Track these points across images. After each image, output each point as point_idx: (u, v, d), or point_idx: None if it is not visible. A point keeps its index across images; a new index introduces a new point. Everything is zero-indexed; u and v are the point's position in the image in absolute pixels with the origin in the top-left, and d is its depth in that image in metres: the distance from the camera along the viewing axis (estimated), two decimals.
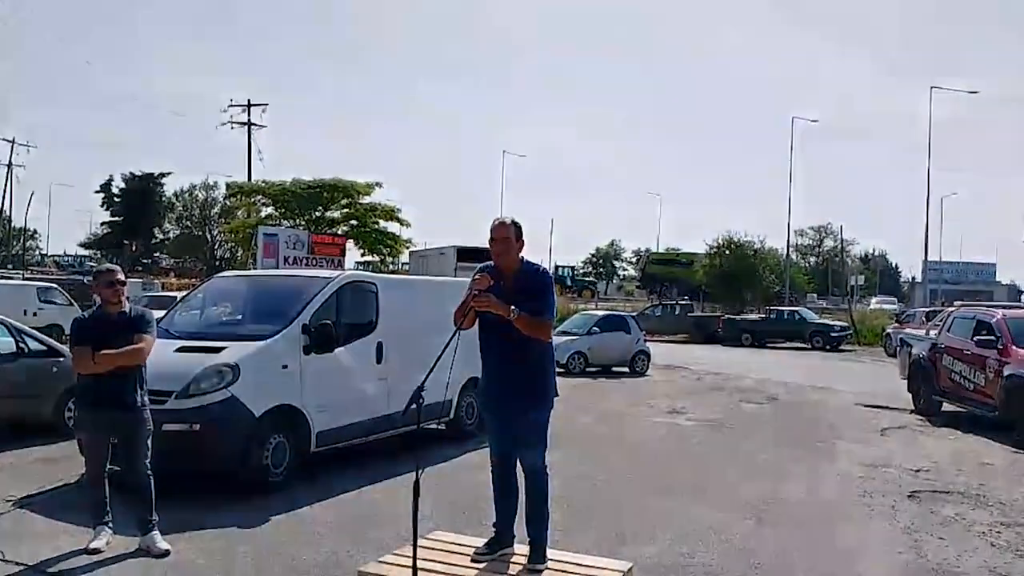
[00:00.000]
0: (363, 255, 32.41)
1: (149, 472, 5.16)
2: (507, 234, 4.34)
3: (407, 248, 32.58)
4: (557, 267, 56.14)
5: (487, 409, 4.64)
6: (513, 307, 4.18)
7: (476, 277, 4.33)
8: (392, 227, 32.64)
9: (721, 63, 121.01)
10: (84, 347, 4.95)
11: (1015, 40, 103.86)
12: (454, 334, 4.17)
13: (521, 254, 4.44)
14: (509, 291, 4.29)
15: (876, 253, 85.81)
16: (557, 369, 5.18)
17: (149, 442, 5.17)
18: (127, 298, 5.26)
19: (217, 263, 48.04)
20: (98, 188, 61.10)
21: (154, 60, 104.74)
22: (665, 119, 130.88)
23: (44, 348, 8.91)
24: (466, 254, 25.37)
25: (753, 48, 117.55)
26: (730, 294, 40.56)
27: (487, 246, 4.40)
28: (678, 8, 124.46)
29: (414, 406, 3.92)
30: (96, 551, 4.91)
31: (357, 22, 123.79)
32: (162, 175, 60.30)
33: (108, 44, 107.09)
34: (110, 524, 5.13)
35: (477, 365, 4.52)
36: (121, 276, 5.20)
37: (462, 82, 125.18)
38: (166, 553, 4.96)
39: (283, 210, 31.82)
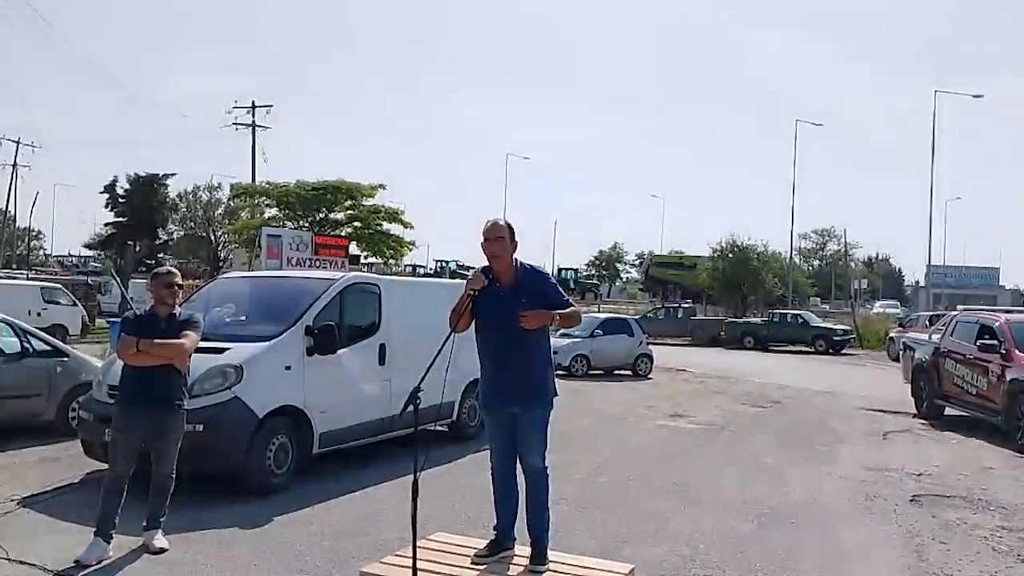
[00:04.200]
0: (366, 257, 32.36)
1: (174, 475, 5.20)
2: (502, 234, 4.34)
3: (410, 250, 32.64)
4: (560, 269, 56.15)
5: (486, 410, 4.64)
6: (554, 313, 4.27)
7: (471, 277, 4.35)
8: (396, 229, 32.64)
9: (726, 65, 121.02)
10: (129, 336, 5.00)
11: (1021, 42, 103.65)
12: (448, 336, 4.19)
13: (515, 255, 4.43)
14: (507, 292, 4.31)
15: (879, 257, 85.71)
16: (559, 371, 5.20)
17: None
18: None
19: (220, 264, 48.03)
20: (102, 189, 61.23)
21: (159, 61, 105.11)
22: (669, 121, 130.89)
23: (48, 348, 8.95)
24: None
25: (758, 50, 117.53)
26: (733, 297, 40.57)
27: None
28: (682, 10, 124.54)
29: (410, 408, 3.94)
30: (80, 564, 4.69)
31: (362, 24, 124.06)
32: (166, 176, 60.23)
33: (113, 44, 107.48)
34: (111, 539, 4.92)
35: (479, 367, 4.53)
36: (179, 279, 5.28)
37: (466, 84, 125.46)
38: (162, 551, 4.98)
39: (287, 211, 31.77)
